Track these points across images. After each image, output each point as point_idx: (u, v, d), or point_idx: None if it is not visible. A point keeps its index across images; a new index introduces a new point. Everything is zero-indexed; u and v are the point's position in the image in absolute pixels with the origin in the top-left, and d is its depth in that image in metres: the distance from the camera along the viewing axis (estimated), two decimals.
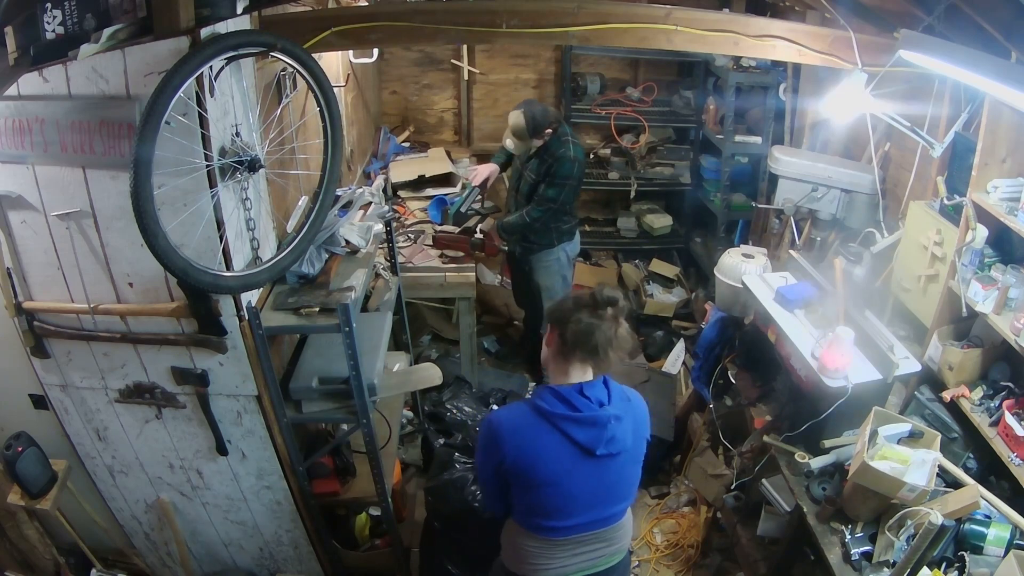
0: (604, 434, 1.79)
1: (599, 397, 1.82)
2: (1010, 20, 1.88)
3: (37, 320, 2.29)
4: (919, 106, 2.63)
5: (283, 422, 2.41)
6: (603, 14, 2.38)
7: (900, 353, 2.48)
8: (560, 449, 1.79)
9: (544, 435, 1.80)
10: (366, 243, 2.63)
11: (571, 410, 1.79)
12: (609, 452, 1.81)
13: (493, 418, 1.87)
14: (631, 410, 1.88)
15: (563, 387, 1.83)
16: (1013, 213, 2.14)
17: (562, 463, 1.80)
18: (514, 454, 1.80)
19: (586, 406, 1.80)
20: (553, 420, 1.79)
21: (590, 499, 1.85)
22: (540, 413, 1.80)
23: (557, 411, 1.79)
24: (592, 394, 1.82)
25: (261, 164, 2.12)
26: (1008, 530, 2.04)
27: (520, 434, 1.81)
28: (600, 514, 1.88)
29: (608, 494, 1.88)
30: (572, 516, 1.85)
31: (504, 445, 1.80)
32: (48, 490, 2.45)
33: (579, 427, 1.79)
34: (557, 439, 1.79)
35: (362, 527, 3.03)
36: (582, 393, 1.81)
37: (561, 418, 1.79)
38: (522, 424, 1.82)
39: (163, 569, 2.93)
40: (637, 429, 1.89)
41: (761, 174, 4.20)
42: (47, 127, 1.96)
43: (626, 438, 1.84)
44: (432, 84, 5.13)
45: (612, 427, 1.80)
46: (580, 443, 1.79)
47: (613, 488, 1.88)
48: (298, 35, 2.23)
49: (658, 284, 4.94)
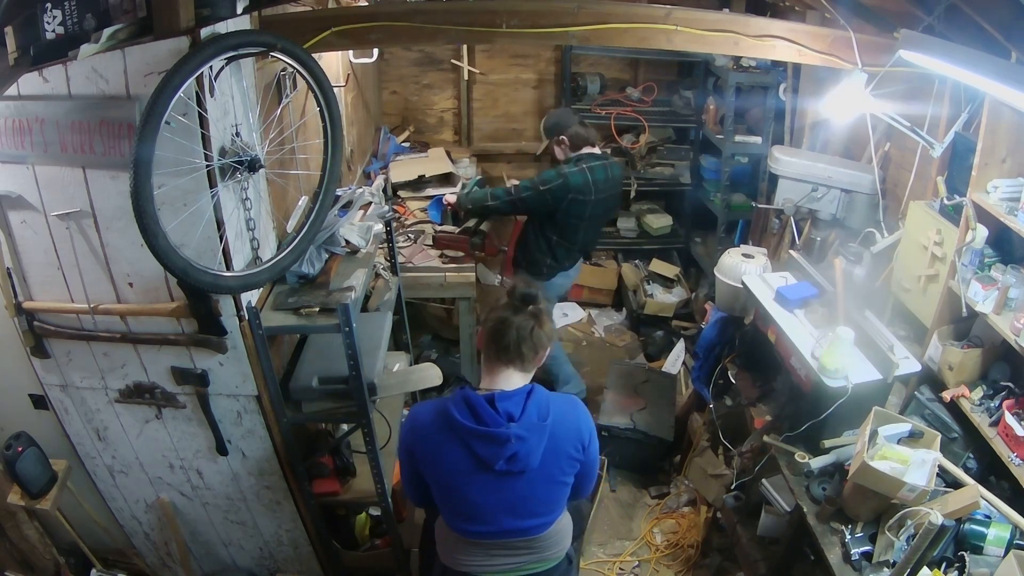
0: (503, 451, 1.75)
1: (509, 411, 1.77)
2: (1010, 20, 1.88)
3: (37, 320, 2.28)
4: (919, 106, 2.63)
5: (283, 422, 2.41)
6: (603, 14, 2.38)
7: (900, 353, 2.48)
8: (460, 458, 1.78)
9: (446, 441, 1.79)
10: (366, 243, 2.63)
11: (475, 422, 1.75)
12: (509, 470, 1.76)
13: (414, 410, 1.90)
14: (544, 431, 1.78)
15: (476, 395, 1.79)
16: (1013, 213, 2.14)
17: (461, 471, 1.79)
18: (421, 450, 1.83)
19: (492, 419, 1.75)
20: (456, 429, 1.77)
21: (494, 510, 1.82)
22: (447, 419, 1.78)
23: (462, 422, 1.76)
24: (504, 406, 1.77)
25: (261, 164, 2.11)
26: (1008, 530, 2.04)
27: (427, 434, 1.82)
28: (510, 526, 1.85)
29: (515, 509, 1.83)
30: (479, 523, 1.84)
31: (414, 439, 1.84)
32: (48, 490, 2.45)
33: (479, 441, 1.76)
34: (458, 447, 1.78)
35: (362, 527, 3.03)
36: (493, 404, 1.77)
37: (463, 429, 1.76)
38: (431, 426, 1.82)
39: (163, 569, 2.93)
40: (555, 449, 1.81)
41: (761, 174, 4.20)
42: (47, 127, 1.96)
43: (531, 457, 1.77)
44: (432, 84, 5.13)
45: (513, 446, 1.74)
46: (479, 456, 1.76)
47: (521, 504, 1.83)
48: (298, 35, 2.23)
49: (658, 284, 4.94)
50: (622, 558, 3.31)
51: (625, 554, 3.34)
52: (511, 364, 1.82)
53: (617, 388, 3.92)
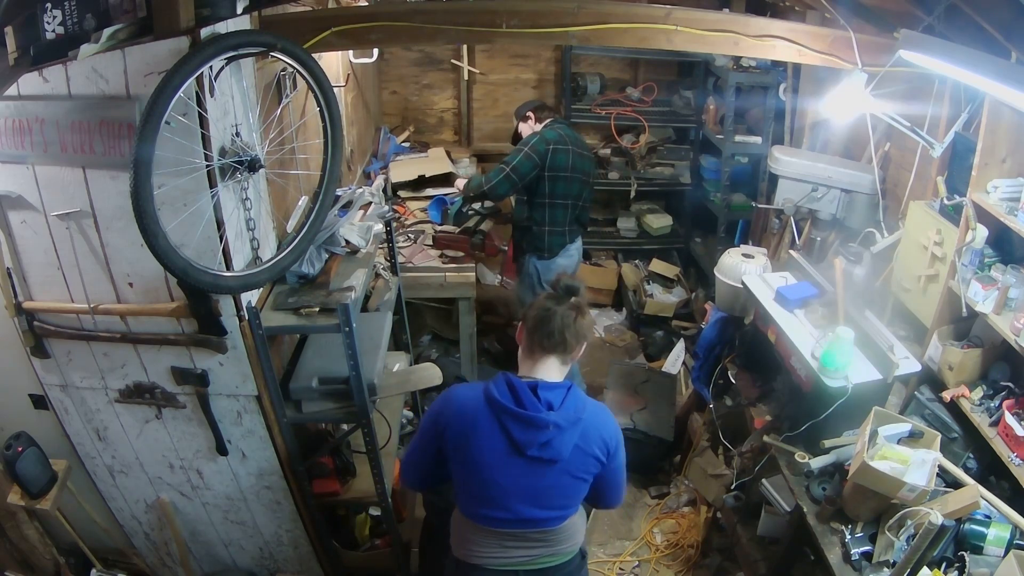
0: (539, 437, 1.78)
1: (550, 400, 1.81)
2: (1010, 20, 1.88)
3: (37, 320, 2.28)
4: (919, 106, 2.63)
5: (283, 422, 2.41)
6: (603, 14, 2.38)
7: (900, 353, 2.48)
8: (494, 439, 1.81)
9: (484, 420, 1.81)
10: (366, 243, 2.63)
11: (516, 405, 1.79)
12: (540, 456, 1.80)
13: (453, 389, 1.92)
14: (580, 425, 1.83)
15: (519, 379, 1.83)
16: (1013, 213, 2.14)
17: (494, 453, 1.81)
18: (452, 429, 1.84)
19: (532, 404, 1.79)
20: (495, 409, 1.80)
21: (519, 496, 1.84)
22: (488, 399, 1.82)
23: (502, 402, 1.79)
24: (544, 395, 1.81)
25: (261, 164, 2.12)
26: (1008, 530, 2.04)
27: (465, 412, 1.84)
28: (530, 514, 1.87)
29: (538, 497, 1.86)
30: (500, 508, 1.85)
31: (446, 415, 1.85)
32: (48, 490, 2.45)
33: (517, 423, 1.79)
34: (495, 429, 1.80)
35: (362, 527, 3.03)
36: (535, 391, 1.81)
37: (503, 410, 1.79)
38: (470, 404, 1.84)
39: (163, 569, 2.93)
40: (583, 445, 1.85)
41: (761, 174, 4.20)
42: (47, 127, 1.96)
43: (563, 448, 1.81)
44: (432, 84, 5.13)
45: (550, 433, 1.78)
46: (514, 439, 1.79)
47: (544, 493, 1.86)
48: (298, 35, 2.23)
49: (658, 284, 4.94)
50: (622, 558, 3.31)
51: (625, 554, 3.34)
52: (553, 352, 1.86)
53: (617, 388, 3.93)
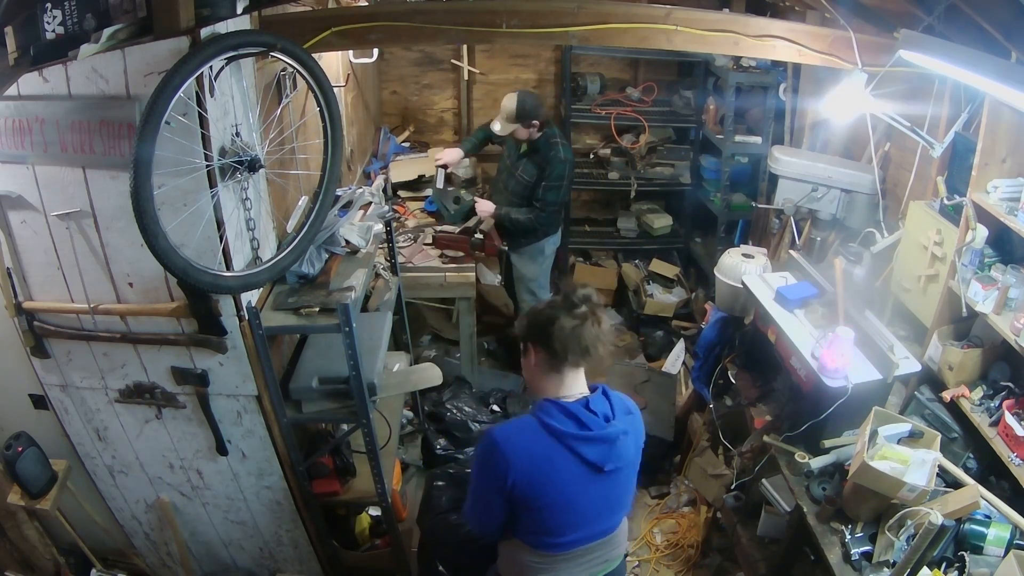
0: (613, 451, 1.77)
1: (604, 411, 1.78)
2: (1010, 20, 1.88)
3: (37, 320, 2.28)
4: (919, 106, 2.63)
5: (283, 422, 2.41)
6: (603, 14, 2.38)
7: (900, 353, 2.48)
8: (570, 468, 1.75)
9: (554, 454, 1.73)
10: (366, 243, 2.63)
11: (580, 428, 1.73)
12: (616, 467, 1.79)
13: (499, 436, 1.75)
14: (634, 423, 1.86)
15: (569, 403, 1.76)
16: (1013, 213, 2.14)
17: (573, 482, 1.76)
18: (524, 476, 1.72)
19: (595, 423, 1.75)
20: (563, 439, 1.73)
21: (595, 513, 1.83)
22: (549, 431, 1.73)
23: (568, 430, 1.73)
24: (598, 408, 1.78)
25: (261, 164, 2.12)
26: (1008, 530, 2.04)
27: (529, 454, 1.73)
28: (602, 526, 1.87)
29: (611, 506, 1.86)
30: (577, 530, 1.82)
31: (512, 467, 1.71)
32: (48, 490, 2.46)
33: (589, 445, 1.74)
34: (568, 458, 1.74)
35: (362, 527, 3.03)
36: (588, 408, 1.76)
37: (572, 437, 1.73)
38: (530, 443, 1.74)
39: (163, 569, 2.93)
40: (638, 441, 1.87)
41: (761, 174, 4.20)
42: (47, 127, 1.96)
43: (629, 452, 1.83)
44: (432, 84, 5.12)
45: (621, 443, 1.78)
46: (589, 461, 1.74)
47: (618, 500, 1.88)
48: (298, 35, 2.23)
49: (658, 284, 4.94)
50: None
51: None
52: (581, 366, 1.81)
53: (617, 388, 3.89)
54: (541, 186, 3.71)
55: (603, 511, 1.85)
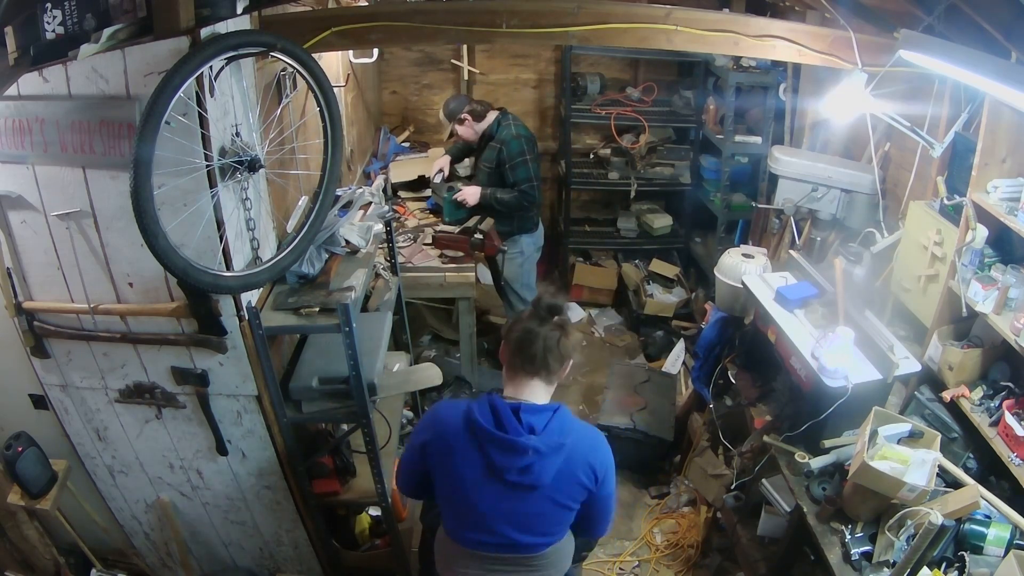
0: (518, 462, 1.74)
1: (532, 423, 1.76)
2: (1010, 20, 1.88)
3: (37, 320, 2.28)
4: (919, 106, 2.63)
5: (283, 422, 2.41)
6: (603, 14, 2.38)
7: (900, 353, 2.48)
8: (473, 461, 1.77)
9: (464, 442, 1.78)
10: (366, 243, 2.63)
11: (496, 428, 1.75)
12: (520, 482, 1.76)
13: (439, 406, 1.91)
14: (563, 451, 1.77)
15: (502, 401, 1.79)
16: (1013, 213, 2.14)
17: (472, 475, 1.78)
18: (436, 446, 1.83)
19: (513, 428, 1.74)
20: (476, 432, 1.76)
21: (499, 520, 1.80)
22: (469, 421, 1.77)
23: (482, 424, 1.75)
24: (528, 419, 1.76)
25: (261, 164, 2.12)
26: (1008, 530, 2.04)
27: (446, 431, 1.81)
28: (511, 539, 1.82)
29: (520, 523, 1.81)
30: (484, 531, 1.82)
31: (430, 435, 1.84)
32: (48, 490, 2.46)
33: (496, 448, 1.75)
34: (475, 451, 1.77)
35: (362, 527, 3.03)
36: (517, 414, 1.76)
37: (483, 433, 1.75)
38: (453, 423, 1.81)
39: (163, 569, 2.93)
40: (568, 471, 1.78)
41: (761, 174, 4.19)
42: (47, 127, 1.96)
43: (543, 474, 1.76)
44: (432, 84, 5.13)
45: (529, 458, 1.73)
46: (493, 463, 1.75)
47: (526, 519, 1.81)
48: (298, 35, 2.23)
49: (658, 284, 4.94)
50: (622, 558, 3.31)
51: (625, 554, 3.34)
52: (537, 375, 1.81)
53: (617, 388, 3.92)
54: (507, 168, 3.79)
55: (509, 523, 1.81)
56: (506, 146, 3.78)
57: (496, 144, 3.83)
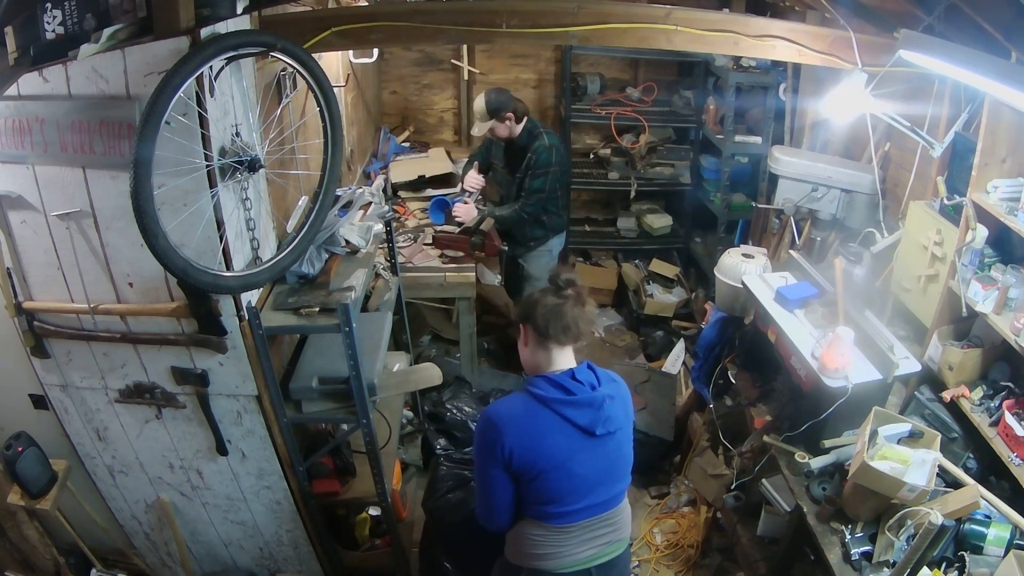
0: (601, 414, 1.86)
1: (589, 380, 1.90)
2: (1010, 20, 1.88)
3: (37, 320, 2.29)
4: (919, 106, 2.63)
5: (283, 422, 2.41)
6: (603, 14, 2.38)
7: (900, 353, 2.48)
8: (561, 432, 1.85)
9: (544, 420, 1.84)
10: (366, 243, 2.63)
11: (566, 394, 1.85)
12: (608, 431, 1.88)
13: (490, 411, 1.91)
14: (619, 390, 1.97)
15: (554, 374, 1.89)
16: (1013, 213, 2.14)
17: (565, 446, 1.85)
18: (517, 443, 1.82)
19: (580, 389, 1.86)
20: (551, 405, 1.84)
21: (595, 480, 1.89)
22: (537, 399, 1.85)
23: (553, 396, 1.84)
24: (583, 378, 1.89)
25: (261, 164, 2.12)
26: (1008, 530, 2.03)
27: (519, 422, 1.85)
28: (605, 494, 1.92)
29: (610, 473, 1.93)
30: (580, 499, 1.88)
31: (506, 435, 1.82)
32: (48, 490, 2.45)
33: (577, 409, 1.85)
34: (557, 423, 1.84)
35: (362, 527, 3.03)
36: (574, 378, 1.88)
37: (558, 402, 1.84)
38: (520, 412, 1.86)
39: (163, 569, 2.93)
40: (626, 408, 1.98)
41: (761, 174, 4.19)
42: (47, 127, 1.96)
43: (619, 416, 1.92)
44: (432, 84, 5.13)
45: (608, 407, 1.88)
46: (580, 425, 1.85)
47: (614, 466, 1.95)
48: (298, 35, 2.23)
49: (658, 284, 4.94)
50: None
51: None
52: (570, 342, 1.93)
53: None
54: (527, 175, 3.75)
55: (603, 478, 1.91)
56: (537, 155, 3.72)
57: (527, 152, 3.76)
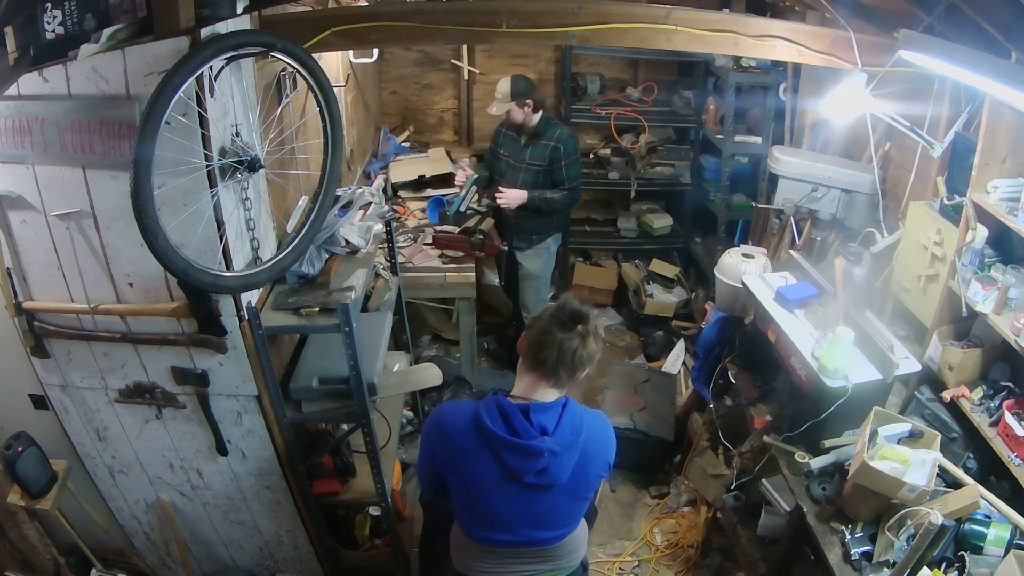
0: (534, 465, 1.72)
1: (543, 424, 1.73)
2: (1010, 20, 1.88)
3: (37, 320, 2.28)
4: (919, 106, 2.63)
5: (283, 422, 2.41)
6: (603, 14, 2.38)
7: (900, 353, 2.48)
8: (488, 467, 1.74)
9: (475, 448, 1.74)
10: (366, 243, 2.63)
11: (508, 433, 1.71)
12: (538, 483, 1.74)
13: (440, 411, 1.84)
14: (576, 447, 1.76)
15: (510, 403, 1.75)
16: (1013, 213, 2.14)
17: (487, 481, 1.75)
18: (444, 452, 1.79)
19: (525, 431, 1.71)
20: (487, 438, 1.72)
21: (516, 520, 1.80)
22: (479, 426, 1.73)
23: (493, 431, 1.71)
24: (538, 419, 1.73)
25: (261, 164, 2.12)
26: (1008, 530, 2.04)
27: (455, 438, 1.77)
28: (529, 537, 1.82)
29: (536, 521, 1.81)
30: (498, 531, 1.81)
31: (439, 442, 1.80)
32: (48, 490, 2.45)
33: (511, 453, 1.71)
34: (488, 456, 1.73)
35: (362, 527, 3.03)
36: (527, 414, 1.73)
37: (495, 439, 1.71)
38: (460, 430, 1.76)
39: (163, 569, 2.93)
40: (584, 466, 1.78)
41: (761, 174, 4.20)
42: (47, 127, 1.96)
43: (560, 473, 1.74)
44: (432, 84, 5.13)
45: (545, 460, 1.72)
46: (509, 467, 1.72)
47: (542, 516, 1.81)
48: (298, 35, 2.23)
49: (658, 284, 4.94)
50: (622, 558, 3.31)
51: (625, 554, 3.34)
52: (546, 379, 1.77)
53: (617, 388, 3.93)
54: (561, 165, 3.75)
55: (526, 522, 1.80)
56: (564, 144, 3.74)
57: (548, 142, 3.75)
